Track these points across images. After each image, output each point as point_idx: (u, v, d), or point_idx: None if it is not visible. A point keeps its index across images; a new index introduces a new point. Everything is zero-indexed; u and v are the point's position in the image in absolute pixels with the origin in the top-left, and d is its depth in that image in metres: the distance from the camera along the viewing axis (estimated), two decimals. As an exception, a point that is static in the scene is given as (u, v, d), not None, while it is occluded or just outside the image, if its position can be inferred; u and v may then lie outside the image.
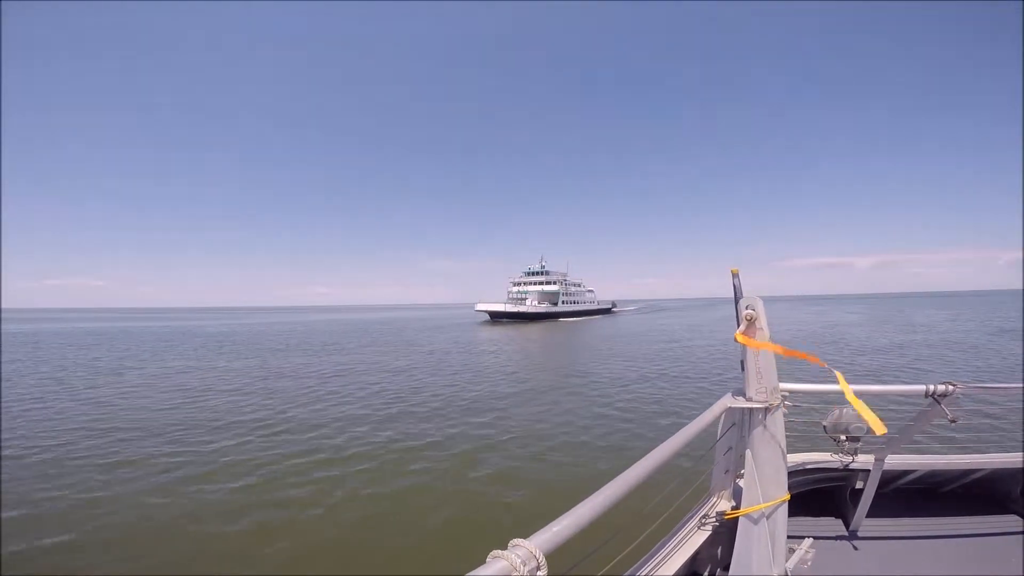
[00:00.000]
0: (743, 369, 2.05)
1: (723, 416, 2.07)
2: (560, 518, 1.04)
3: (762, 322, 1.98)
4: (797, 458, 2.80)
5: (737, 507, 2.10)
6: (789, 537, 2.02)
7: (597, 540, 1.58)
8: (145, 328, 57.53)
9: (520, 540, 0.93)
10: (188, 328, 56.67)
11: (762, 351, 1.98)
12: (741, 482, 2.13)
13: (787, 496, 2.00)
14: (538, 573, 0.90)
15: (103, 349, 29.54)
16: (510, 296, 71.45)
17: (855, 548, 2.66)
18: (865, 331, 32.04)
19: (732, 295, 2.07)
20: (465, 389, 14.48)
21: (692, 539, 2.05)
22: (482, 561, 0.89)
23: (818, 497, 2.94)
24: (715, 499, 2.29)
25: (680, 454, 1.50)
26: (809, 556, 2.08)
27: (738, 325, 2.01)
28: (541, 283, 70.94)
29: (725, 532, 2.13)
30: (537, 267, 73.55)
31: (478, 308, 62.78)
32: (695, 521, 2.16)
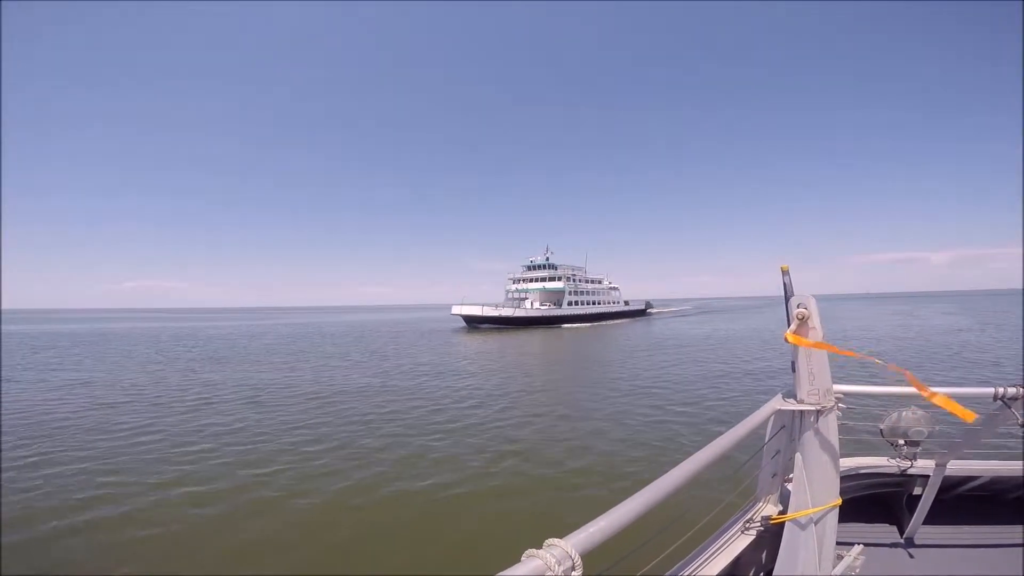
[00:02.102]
0: (794, 370, 1.98)
1: (772, 418, 2.02)
2: (598, 518, 1.03)
3: (815, 321, 1.90)
4: (850, 462, 2.71)
5: (784, 512, 2.05)
6: (838, 543, 1.95)
7: (635, 541, 1.57)
8: (162, 328, 57.19)
9: (556, 539, 0.93)
10: (196, 329, 55.02)
11: (815, 351, 1.91)
12: (789, 486, 2.07)
13: (838, 501, 1.93)
14: (573, 573, 0.89)
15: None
16: (508, 297, 57.71)
17: (910, 556, 2.57)
18: (990, 336, 25.01)
19: (783, 293, 2.00)
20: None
21: (734, 543, 2.01)
22: (517, 559, 0.89)
23: (871, 503, 2.84)
24: (761, 503, 2.23)
25: (725, 457, 1.46)
26: (858, 563, 2.00)
27: (788, 324, 1.93)
28: (544, 279, 56.45)
29: (769, 537, 2.07)
30: (540, 259, 58.05)
31: (454, 311, 49.00)
32: (739, 525, 2.11)
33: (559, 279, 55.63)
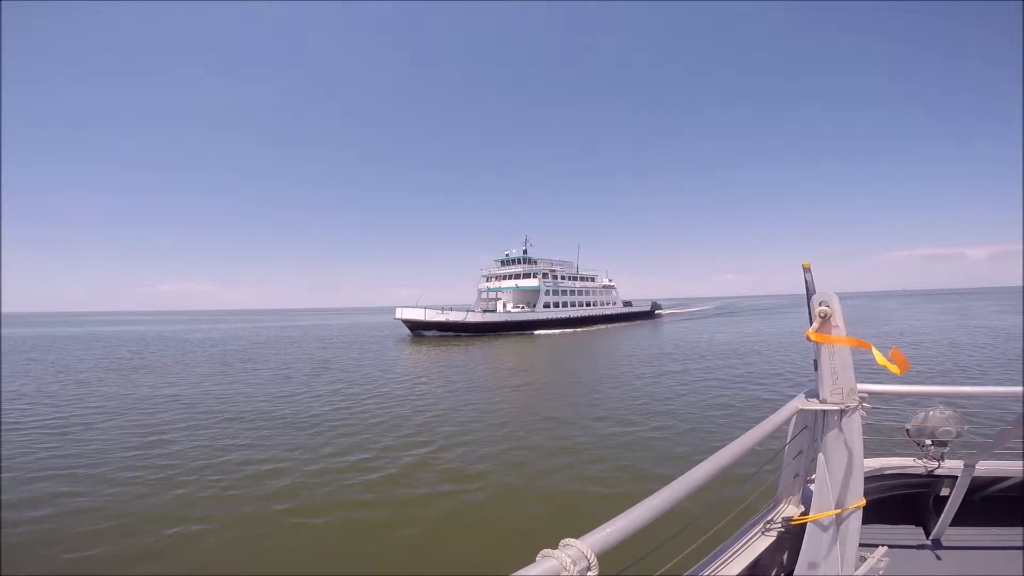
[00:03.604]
0: (816, 369, 1.95)
1: (794, 419, 1.99)
2: (615, 519, 1.02)
3: (838, 319, 1.87)
4: (874, 463, 2.68)
5: (806, 513, 2.02)
6: (861, 545, 1.93)
7: (652, 542, 1.56)
8: (157, 331, 56.69)
9: (571, 539, 0.93)
10: (187, 332, 54.19)
11: (837, 350, 1.87)
12: (811, 487, 2.04)
13: (862, 502, 1.90)
14: (589, 573, 0.89)
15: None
16: (481, 298, 49.75)
17: (937, 557, 2.53)
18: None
19: (805, 291, 1.97)
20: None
21: (754, 544, 1.99)
22: (532, 559, 0.89)
23: (897, 504, 2.79)
24: (782, 504, 2.21)
25: (745, 458, 1.45)
26: (882, 564, 1.98)
27: (810, 322, 1.90)
28: (518, 276, 47.37)
29: (791, 538, 2.05)
30: (516, 253, 48.90)
31: (397, 316, 39.81)
32: (759, 527, 2.09)
33: (531, 275, 46.61)
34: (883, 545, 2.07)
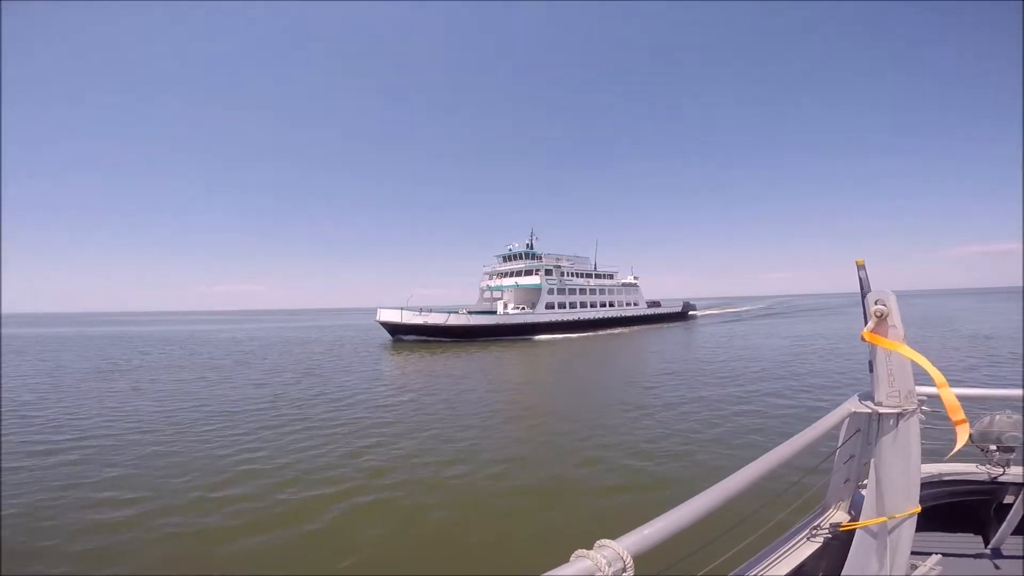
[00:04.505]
0: (871, 371, 1.89)
1: (846, 422, 1.93)
2: (653, 520, 1.00)
3: (895, 319, 1.80)
4: (932, 468, 2.58)
5: (855, 519, 1.97)
6: (913, 553, 1.86)
7: (690, 545, 1.52)
8: (190, 331, 57.62)
9: (607, 540, 0.92)
10: (211, 333, 54.13)
11: (894, 350, 1.81)
12: (863, 492, 1.99)
13: (917, 509, 1.83)
14: (624, 575, 0.88)
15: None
16: (483, 297, 45.36)
17: (996, 567, 2.43)
18: None
19: (859, 289, 1.90)
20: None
21: (798, 550, 1.94)
22: (565, 559, 0.89)
23: (954, 511, 2.68)
24: (831, 510, 2.15)
25: (792, 462, 1.41)
26: (935, 572, 1.93)
27: (865, 322, 1.84)
28: (519, 273, 41.79)
29: (837, 545, 1.99)
30: (518, 247, 43.00)
31: (377, 319, 35.33)
32: (805, 532, 2.04)
33: (534, 272, 40.67)
34: (937, 553, 2.01)
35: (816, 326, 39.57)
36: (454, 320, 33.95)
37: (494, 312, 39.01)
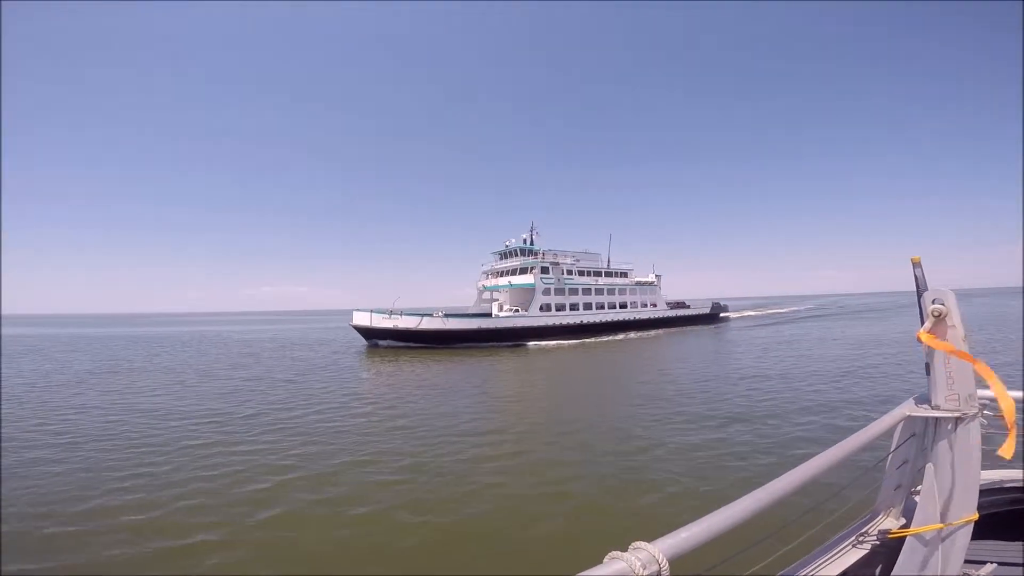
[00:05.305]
0: (928, 373, 1.82)
1: (900, 426, 1.89)
2: (691, 524, 0.99)
3: (954, 318, 1.73)
4: (993, 475, 2.48)
5: (906, 526, 1.92)
6: (967, 561, 1.80)
7: (730, 549, 1.49)
8: (218, 332, 58.49)
9: (642, 542, 0.91)
10: (235, 333, 55.15)
11: (953, 352, 1.74)
12: (916, 498, 1.94)
13: (974, 516, 1.76)
14: None
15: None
16: (481, 298, 40.76)
17: None
18: None
19: (915, 288, 1.84)
20: None
21: (843, 557, 1.88)
22: (598, 561, 0.88)
23: (1014, 520, 2.57)
24: (880, 516, 2.09)
25: (840, 466, 1.37)
26: None
27: (921, 322, 1.78)
28: (515, 271, 37.25)
29: (885, 552, 1.94)
30: (515, 243, 38.45)
31: (352, 322, 32.39)
32: (850, 539, 1.98)
33: (528, 270, 35.79)
34: (992, 562, 1.95)
35: (873, 329, 35.20)
36: (427, 324, 30.54)
37: (488, 315, 34.18)
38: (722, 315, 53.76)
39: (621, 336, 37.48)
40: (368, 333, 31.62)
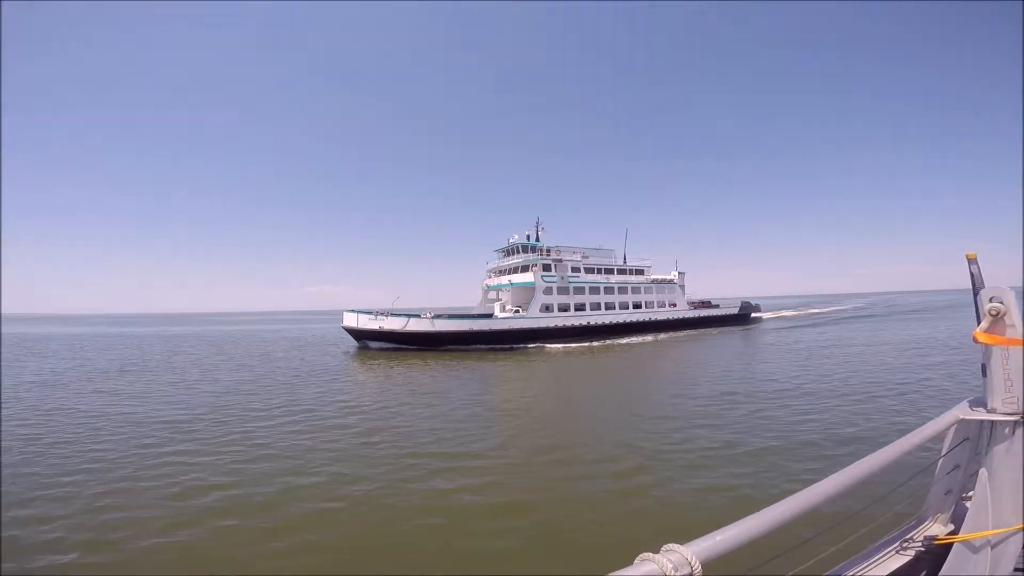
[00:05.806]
0: (984, 375, 1.77)
1: (953, 429, 1.84)
2: (726, 527, 0.98)
3: (1013, 317, 1.68)
4: None
5: (955, 532, 1.87)
6: (1017, 570, 1.76)
7: (765, 554, 1.46)
8: (236, 331, 60.28)
9: (675, 544, 0.90)
10: (256, 332, 56.52)
11: (1012, 353, 1.68)
12: (966, 504, 1.90)
13: None
14: None
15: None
16: (486, 298, 38.65)
17: None
18: None
19: (971, 285, 1.79)
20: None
21: (886, 563, 1.84)
22: (629, 562, 0.87)
23: None
24: (927, 522, 2.04)
25: (887, 470, 1.35)
26: None
27: (978, 321, 1.74)
28: (517, 269, 35.15)
29: (930, 559, 1.90)
30: (518, 240, 36.16)
31: (343, 323, 31.61)
32: (894, 545, 1.93)
33: (528, 268, 33.78)
34: None
35: (928, 329, 31.78)
36: (414, 326, 29.00)
37: (489, 316, 32.38)
38: (753, 315, 49.64)
39: (637, 339, 34.08)
40: (357, 334, 30.82)
